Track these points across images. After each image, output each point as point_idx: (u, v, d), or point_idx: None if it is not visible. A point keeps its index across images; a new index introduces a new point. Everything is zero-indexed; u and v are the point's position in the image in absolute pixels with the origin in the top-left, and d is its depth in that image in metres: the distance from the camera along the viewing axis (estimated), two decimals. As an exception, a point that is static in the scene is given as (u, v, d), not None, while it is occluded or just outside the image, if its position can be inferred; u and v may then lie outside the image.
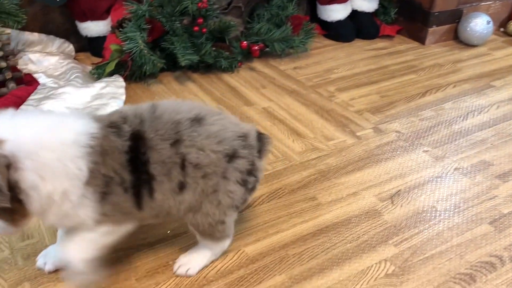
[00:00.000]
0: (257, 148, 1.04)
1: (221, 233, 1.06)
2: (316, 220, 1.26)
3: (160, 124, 0.95)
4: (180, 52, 1.93)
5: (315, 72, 2.14)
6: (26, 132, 0.86)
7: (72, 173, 0.87)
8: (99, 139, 0.90)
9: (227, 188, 1.00)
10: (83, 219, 0.92)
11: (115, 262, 1.12)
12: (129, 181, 0.93)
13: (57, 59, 2.00)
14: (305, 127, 1.70)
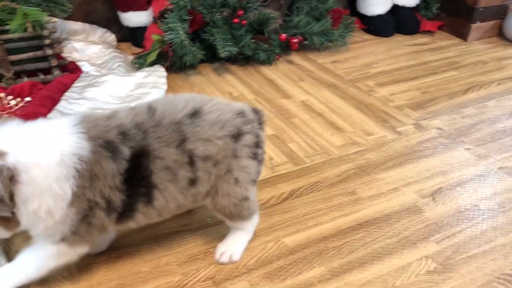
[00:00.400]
0: (257, 121, 1.06)
1: (248, 210, 1.07)
2: (356, 214, 1.25)
3: (162, 131, 0.95)
4: (220, 44, 1.94)
5: (354, 66, 2.12)
6: (24, 146, 0.87)
7: (56, 194, 0.87)
8: (88, 163, 0.88)
9: (241, 165, 1.01)
10: (57, 232, 0.92)
11: (156, 247, 1.14)
12: (119, 202, 0.93)
13: (100, 48, 2.05)
14: (344, 121, 1.68)
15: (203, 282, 1.05)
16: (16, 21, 1.67)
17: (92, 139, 0.90)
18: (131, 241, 1.15)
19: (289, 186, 1.35)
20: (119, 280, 1.05)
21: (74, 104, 1.64)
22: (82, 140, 0.89)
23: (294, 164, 1.45)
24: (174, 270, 1.08)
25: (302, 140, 1.57)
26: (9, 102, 1.66)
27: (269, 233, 1.19)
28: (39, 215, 0.88)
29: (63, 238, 0.92)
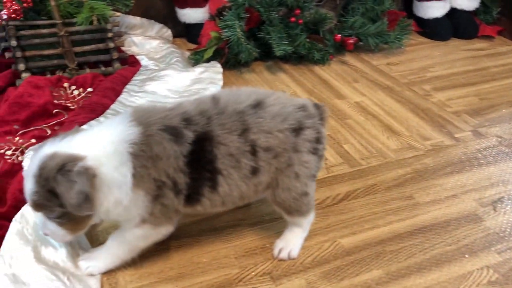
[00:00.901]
0: (318, 116, 1.06)
1: (307, 206, 1.08)
2: (414, 219, 1.24)
3: (226, 118, 0.98)
4: (276, 42, 1.95)
5: (410, 69, 2.08)
6: (91, 149, 0.91)
7: (119, 182, 0.92)
8: (143, 145, 0.92)
9: (301, 160, 1.02)
10: (133, 216, 0.97)
11: (215, 239, 1.16)
12: (183, 184, 0.96)
13: (158, 43, 2.10)
14: (400, 124, 1.66)
15: (261, 276, 1.07)
16: (83, 14, 1.73)
17: (146, 124, 0.94)
18: (190, 232, 1.18)
19: (344, 187, 1.35)
20: (179, 269, 1.08)
21: (135, 96, 1.69)
22: (132, 127, 0.94)
23: (349, 165, 1.44)
24: (232, 263, 1.10)
25: (357, 141, 1.56)
26: (72, 92, 1.73)
27: (325, 233, 1.19)
28: (109, 208, 0.94)
29: (144, 220, 0.97)
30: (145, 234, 1.00)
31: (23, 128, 1.51)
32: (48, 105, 1.61)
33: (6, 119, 1.51)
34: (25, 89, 1.62)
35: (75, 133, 0.96)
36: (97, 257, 1.05)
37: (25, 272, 0.97)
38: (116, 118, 1.00)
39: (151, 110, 0.99)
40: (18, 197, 1.20)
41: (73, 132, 0.98)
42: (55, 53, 1.81)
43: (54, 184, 0.88)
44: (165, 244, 1.14)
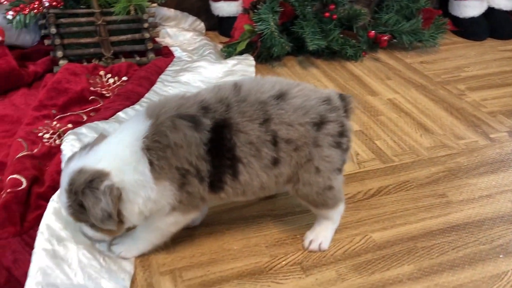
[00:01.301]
0: (343, 108, 1.04)
1: (333, 199, 1.07)
2: (446, 217, 1.22)
3: (247, 107, 0.97)
4: (309, 37, 1.95)
5: (444, 68, 2.05)
6: (113, 161, 0.94)
7: (142, 182, 0.93)
8: (157, 136, 0.92)
9: (322, 154, 1.01)
10: (163, 205, 0.98)
11: (245, 228, 1.17)
12: (206, 171, 0.96)
13: (191, 35, 2.12)
14: (433, 122, 1.64)
15: (291, 266, 1.07)
16: (121, 4, 1.77)
17: (157, 116, 0.94)
18: (221, 220, 1.19)
19: (376, 183, 1.34)
20: (211, 254, 1.09)
21: (168, 86, 1.71)
22: (141, 122, 0.95)
23: (381, 161, 1.43)
24: (263, 251, 1.11)
25: (389, 138, 1.55)
26: (107, 80, 1.76)
27: (357, 227, 1.19)
28: (141, 209, 0.96)
29: (174, 208, 0.98)
30: (175, 221, 1.02)
31: (60, 113, 1.54)
32: (84, 91, 1.64)
33: (45, 103, 1.54)
34: (63, 76, 1.66)
35: (99, 142, 0.98)
36: (130, 242, 1.07)
37: (63, 249, 1.00)
38: (131, 118, 1.01)
39: (163, 101, 0.99)
40: (55, 178, 1.23)
41: (98, 140, 1.00)
42: (92, 42, 1.85)
43: (82, 199, 0.91)
44: (197, 230, 1.16)
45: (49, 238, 1.01)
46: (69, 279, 0.96)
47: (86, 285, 0.97)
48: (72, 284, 0.96)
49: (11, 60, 1.68)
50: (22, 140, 1.36)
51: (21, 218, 1.12)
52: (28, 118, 1.48)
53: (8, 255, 1.02)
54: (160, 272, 1.05)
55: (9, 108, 1.59)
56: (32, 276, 0.94)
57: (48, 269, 0.95)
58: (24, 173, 1.21)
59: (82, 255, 1.00)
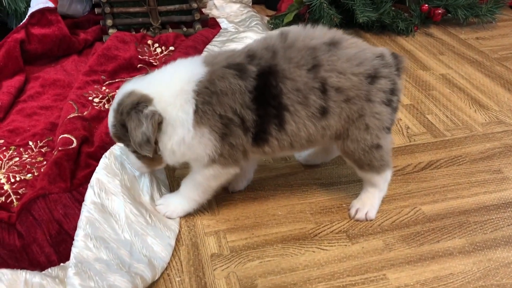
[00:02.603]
0: (395, 66, 1.00)
1: (380, 161, 1.02)
2: (502, 193, 1.17)
3: (294, 52, 0.94)
4: (360, 9, 1.89)
5: (501, 44, 1.95)
6: (161, 91, 0.96)
7: (182, 120, 0.94)
8: (207, 82, 0.93)
9: (374, 111, 0.97)
10: (201, 155, 0.97)
11: (290, 194, 1.16)
12: (251, 121, 0.95)
13: (238, 7, 2.10)
14: (488, 99, 1.56)
15: (337, 234, 1.05)
16: (170, -27, 1.76)
17: (212, 64, 0.96)
18: (266, 186, 1.18)
19: (427, 156, 1.29)
20: (255, 218, 1.09)
21: (215, 55, 1.70)
22: (199, 67, 0.97)
23: (432, 135, 1.38)
24: (308, 218, 1.09)
25: (442, 113, 1.48)
26: (155, 49, 1.77)
27: (406, 198, 1.15)
28: (174, 148, 0.97)
29: (214, 161, 0.98)
30: (215, 174, 1.01)
31: (109, 79, 1.57)
32: (133, 59, 1.66)
33: (95, 69, 1.57)
34: (112, 43, 1.68)
35: (154, 73, 1.01)
36: (174, 201, 1.08)
37: (111, 204, 1.02)
38: (188, 60, 1.02)
39: (219, 52, 1.02)
40: (104, 139, 1.26)
41: (154, 72, 1.02)
42: (141, 11, 1.86)
43: (127, 120, 0.94)
44: (242, 195, 1.15)
45: (99, 192, 1.03)
46: (116, 234, 0.98)
47: (132, 241, 0.98)
48: (119, 239, 0.98)
49: (63, 27, 1.72)
50: (73, 103, 1.39)
51: (71, 175, 1.14)
52: (78, 82, 1.51)
53: (59, 209, 1.05)
54: (205, 232, 1.05)
55: (60, 73, 1.63)
56: (82, 227, 0.96)
57: (96, 222, 0.97)
58: (75, 133, 1.24)
59: (130, 211, 1.01)
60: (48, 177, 1.10)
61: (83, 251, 0.92)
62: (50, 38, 1.68)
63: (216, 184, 1.04)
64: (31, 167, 1.21)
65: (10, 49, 1.58)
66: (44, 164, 1.21)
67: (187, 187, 1.06)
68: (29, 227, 1.00)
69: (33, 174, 1.18)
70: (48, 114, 1.42)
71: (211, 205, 1.12)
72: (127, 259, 0.94)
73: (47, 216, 1.02)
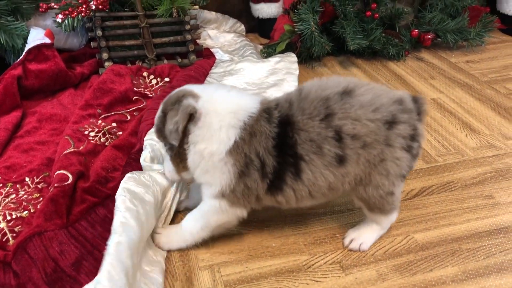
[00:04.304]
0: (416, 111, 0.99)
1: (391, 205, 1.03)
2: (493, 219, 1.18)
3: (307, 104, 0.97)
4: (350, 36, 1.93)
5: (491, 67, 1.98)
6: (213, 97, 1.00)
7: (221, 139, 0.97)
8: (253, 120, 0.97)
9: (394, 155, 0.96)
10: (215, 182, 0.99)
11: (284, 225, 1.17)
12: (271, 167, 0.97)
13: (232, 37, 2.14)
14: (479, 122, 1.58)
15: (330, 265, 1.06)
16: (163, 6, 1.80)
17: (262, 103, 1.01)
18: (260, 217, 1.19)
19: (419, 183, 1.31)
20: (249, 251, 1.10)
21: (210, 86, 1.73)
22: (256, 103, 1.01)
23: (424, 162, 1.40)
24: (302, 249, 1.10)
25: (433, 138, 1.50)
26: (150, 81, 1.81)
27: (398, 227, 1.16)
28: (203, 155, 0.99)
29: (223, 195, 0.99)
30: (220, 209, 1.02)
31: (105, 112, 1.59)
32: (128, 92, 1.69)
33: (91, 103, 1.60)
34: (108, 76, 1.71)
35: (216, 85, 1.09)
36: (172, 234, 1.09)
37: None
38: (248, 93, 1.10)
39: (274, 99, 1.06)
40: (100, 173, 1.28)
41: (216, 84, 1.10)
42: (136, 44, 1.90)
43: (169, 109, 1.00)
44: (236, 228, 1.16)
45: (131, 199, 1.05)
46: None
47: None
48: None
49: (59, 62, 1.75)
50: (69, 138, 1.41)
51: (67, 211, 1.16)
52: (74, 116, 1.53)
53: (55, 246, 1.05)
54: (199, 267, 1.06)
55: (57, 107, 1.65)
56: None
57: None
58: (71, 169, 1.26)
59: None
60: (44, 214, 1.11)
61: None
62: (46, 73, 1.71)
63: (217, 222, 1.04)
64: (27, 203, 1.22)
65: (7, 85, 1.61)
66: (41, 201, 1.23)
67: (189, 218, 1.08)
68: (25, 266, 1.01)
69: (29, 211, 1.19)
70: (44, 149, 1.44)
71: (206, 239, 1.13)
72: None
73: (42, 254, 1.03)
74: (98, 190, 1.23)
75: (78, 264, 1.03)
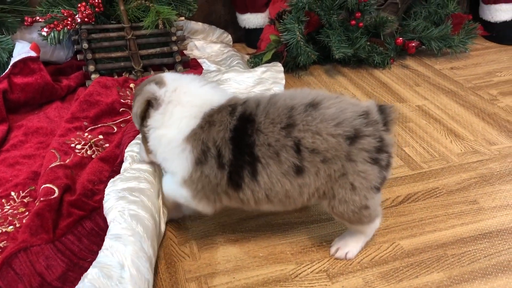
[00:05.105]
0: (382, 121, 0.99)
1: (369, 218, 1.03)
2: (478, 224, 1.19)
3: (273, 109, 0.99)
4: (335, 45, 1.94)
5: (475, 74, 2.01)
6: (182, 87, 1.06)
7: (181, 128, 1.03)
8: (215, 111, 1.02)
9: (357, 170, 0.96)
10: (176, 169, 1.05)
11: (271, 235, 1.17)
12: (227, 159, 0.99)
13: (219, 47, 2.16)
14: (463, 128, 1.60)
15: (317, 273, 1.06)
16: (149, 18, 1.81)
17: (229, 100, 1.05)
18: (247, 226, 1.20)
19: (404, 190, 1.32)
20: (236, 262, 1.10)
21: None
22: (224, 97, 1.05)
23: (410, 168, 1.41)
24: (289, 258, 1.11)
25: (418, 145, 1.52)
26: (137, 92, 1.81)
27: (384, 234, 1.17)
28: (161, 141, 1.06)
29: (184, 181, 1.03)
30: (185, 199, 1.07)
31: (91, 125, 1.59)
32: (115, 104, 1.69)
33: (77, 115, 1.60)
34: (94, 88, 1.71)
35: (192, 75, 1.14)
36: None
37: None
38: (220, 88, 1.15)
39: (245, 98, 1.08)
40: (86, 186, 1.27)
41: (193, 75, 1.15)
42: (123, 56, 1.90)
43: (137, 93, 1.11)
44: (223, 237, 1.16)
45: (130, 193, 1.12)
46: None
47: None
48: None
49: (45, 75, 1.75)
50: (55, 151, 1.41)
51: (54, 226, 1.15)
52: (61, 129, 1.53)
53: (42, 261, 1.05)
54: (186, 278, 1.06)
55: (43, 120, 1.65)
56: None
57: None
58: (56, 182, 1.25)
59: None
60: (30, 229, 1.11)
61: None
62: (32, 86, 1.71)
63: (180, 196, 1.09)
64: (13, 218, 1.21)
65: (-7, 99, 1.60)
66: (26, 215, 1.22)
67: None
68: (10, 282, 1.00)
69: (14, 226, 1.19)
70: (30, 163, 1.43)
71: (192, 249, 1.13)
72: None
73: (28, 270, 1.02)
74: (84, 203, 1.23)
75: (64, 276, 1.03)
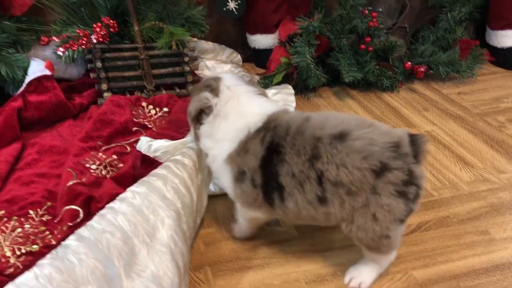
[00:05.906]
0: (412, 153, 0.96)
1: (387, 247, 1.04)
2: (490, 255, 1.20)
3: (300, 139, 0.99)
4: (345, 69, 1.97)
5: (482, 99, 2.03)
6: (232, 100, 1.08)
7: (222, 149, 1.07)
8: (249, 138, 1.04)
9: (380, 202, 0.96)
10: (225, 187, 1.12)
11: (285, 262, 1.18)
12: (258, 182, 1.03)
13: (229, 67, 2.18)
14: (473, 156, 1.62)
15: (332, 303, 1.07)
16: (163, 39, 1.84)
17: (266, 122, 1.06)
18: (261, 253, 1.21)
19: (416, 218, 1.33)
20: (251, 289, 1.11)
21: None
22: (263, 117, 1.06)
23: (420, 195, 1.42)
24: (303, 287, 1.11)
25: (428, 172, 1.54)
26: (149, 111, 1.82)
27: (397, 264, 1.18)
28: (209, 153, 1.13)
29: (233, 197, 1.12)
30: (240, 208, 1.15)
31: (105, 144, 1.60)
32: (128, 123, 1.70)
33: (91, 135, 1.61)
34: (108, 107, 1.73)
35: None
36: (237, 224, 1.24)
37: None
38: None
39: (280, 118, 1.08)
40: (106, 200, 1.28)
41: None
42: (135, 75, 1.92)
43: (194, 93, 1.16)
44: (237, 263, 1.17)
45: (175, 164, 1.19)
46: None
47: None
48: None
49: (59, 93, 1.77)
50: (71, 170, 1.42)
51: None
52: (75, 149, 1.54)
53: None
54: (202, 305, 1.06)
55: (56, 139, 1.66)
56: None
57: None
58: (77, 202, 1.26)
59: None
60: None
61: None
62: (46, 104, 1.73)
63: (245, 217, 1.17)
64: (35, 237, 1.22)
65: (7, 117, 1.62)
66: (47, 235, 1.22)
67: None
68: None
69: (38, 245, 1.19)
70: (45, 182, 1.44)
71: (207, 275, 1.14)
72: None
73: None
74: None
75: None
